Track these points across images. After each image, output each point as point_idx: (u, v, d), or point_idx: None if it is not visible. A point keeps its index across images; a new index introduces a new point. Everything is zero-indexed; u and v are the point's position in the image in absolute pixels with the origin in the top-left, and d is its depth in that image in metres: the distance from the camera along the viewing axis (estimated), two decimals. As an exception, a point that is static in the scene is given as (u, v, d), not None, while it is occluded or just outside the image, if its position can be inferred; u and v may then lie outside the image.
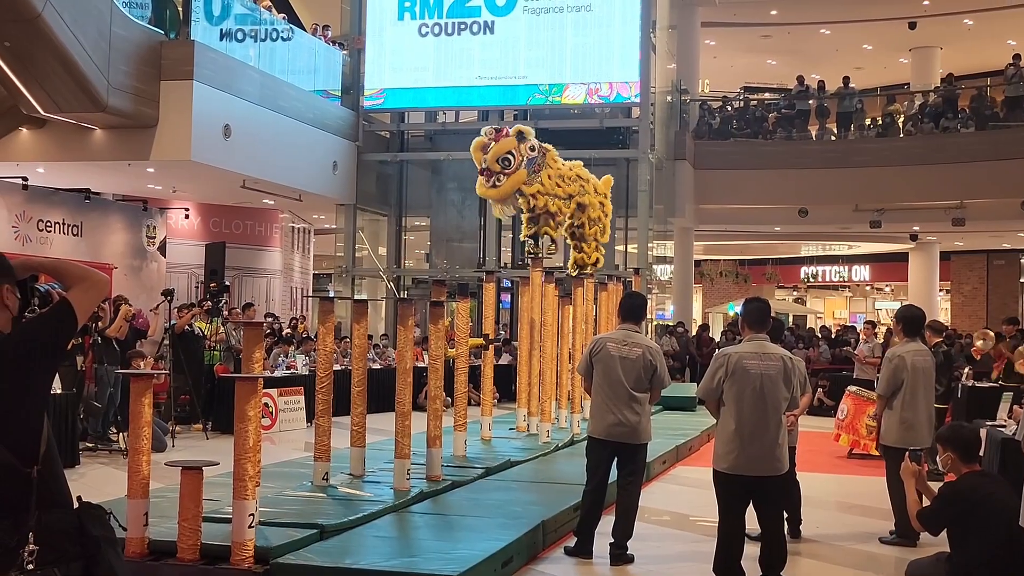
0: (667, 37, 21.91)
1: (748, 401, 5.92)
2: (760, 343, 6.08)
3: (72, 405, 10.63)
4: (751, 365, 5.94)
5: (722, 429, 6.06)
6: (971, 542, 4.82)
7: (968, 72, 27.68)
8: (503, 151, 11.21)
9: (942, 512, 4.99)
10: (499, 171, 11.20)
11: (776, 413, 5.95)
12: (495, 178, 11.23)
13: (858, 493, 9.94)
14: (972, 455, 5.10)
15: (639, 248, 19.78)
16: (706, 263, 33.95)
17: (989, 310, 31.71)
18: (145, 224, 18.21)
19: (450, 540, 6.63)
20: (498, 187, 11.26)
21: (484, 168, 11.29)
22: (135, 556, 5.87)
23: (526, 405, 11.77)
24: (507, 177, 11.24)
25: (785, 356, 6.11)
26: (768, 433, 5.91)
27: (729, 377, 5.97)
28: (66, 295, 2.94)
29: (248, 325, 6.91)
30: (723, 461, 5.99)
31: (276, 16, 18.66)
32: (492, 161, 11.20)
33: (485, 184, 11.35)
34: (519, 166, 11.32)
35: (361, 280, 21.89)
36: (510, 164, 11.25)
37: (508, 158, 11.23)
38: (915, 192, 21.44)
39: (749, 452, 5.89)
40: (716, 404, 6.09)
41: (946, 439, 5.19)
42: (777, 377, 5.95)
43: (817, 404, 16.79)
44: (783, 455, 6.03)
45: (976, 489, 4.94)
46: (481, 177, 11.41)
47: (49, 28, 12.03)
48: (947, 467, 5.14)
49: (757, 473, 5.92)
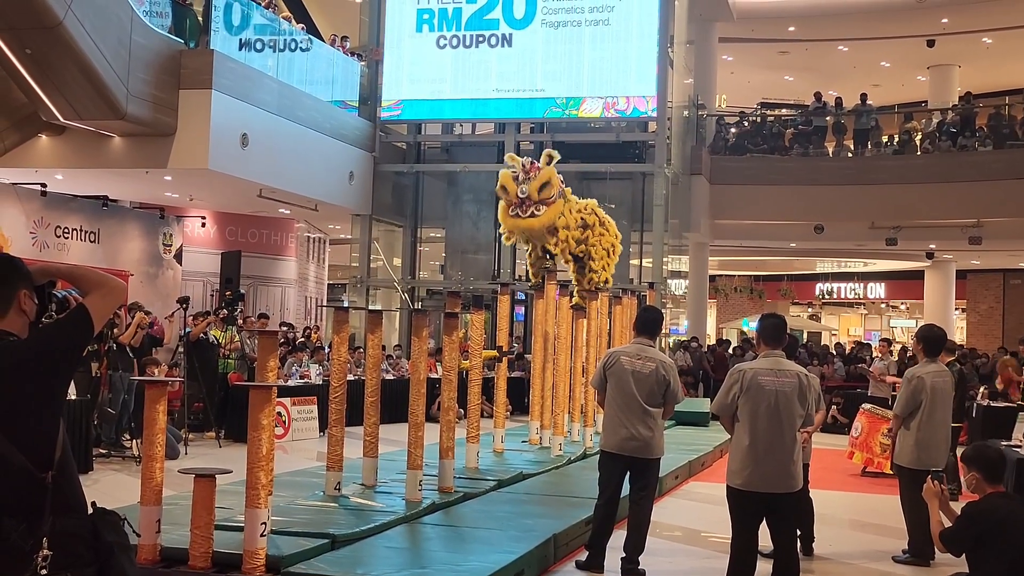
0: (684, 52, 21.92)
1: (763, 417, 5.88)
2: (776, 359, 6.04)
3: (86, 411, 10.67)
4: (766, 381, 5.91)
5: (736, 445, 6.02)
6: (992, 563, 4.78)
7: (986, 90, 27.63)
8: (546, 180, 11.21)
9: (965, 532, 4.95)
10: (538, 200, 11.18)
11: (791, 430, 5.91)
12: (535, 207, 11.19)
13: (872, 511, 9.88)
14: (997, 475, 5.06)
15: (654, 262, 19.76)
16: (721, 278, 33.90)
17: (1005, 329, 31.52)
18: (162, 232, 18.30)
19: (461, 552, 6.62)
20: (538, 216, 11.22)
21: (523, 198, 11.18)
22: (147, 563, 5.88)
23: (539, 418, 11.75)
24: (547, 207, 11.25)
25: (800, 373, 6.07)
26: (783, 450, 5.88)
27: (744, 393, 5.93)
28: (83, 301, 2.95)
29: (263, 334, 6.93)
30: (737, 477, 5.95)
31: (295, 27, 18.76)
32: (534, 190, 11.14)
33: (522, 214, 11.23)
34: (558, 195, 11.42)
35: (376, 291, 21.92)
36: (551, 197, 11.28)
37: (549, 189, 11.26)
38: (932, 210, 21.36)
39: (763, 468, 5.85)
40: (731, 420, 6.05)
41: (971, 459, 5.15)
42: (792, 394, 5.90)
43: (831, 421, 16.72)
44: (797, 472, 5.99)
45: (999, 509, 4.90)
46: (512, 208, 11.30)
47: (70, 36, 12.12)
48: (972, 487, 5.10)
49: (771, 490, 5.88)
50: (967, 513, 5.05)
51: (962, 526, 5.00)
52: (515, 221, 11.37)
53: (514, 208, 11.32)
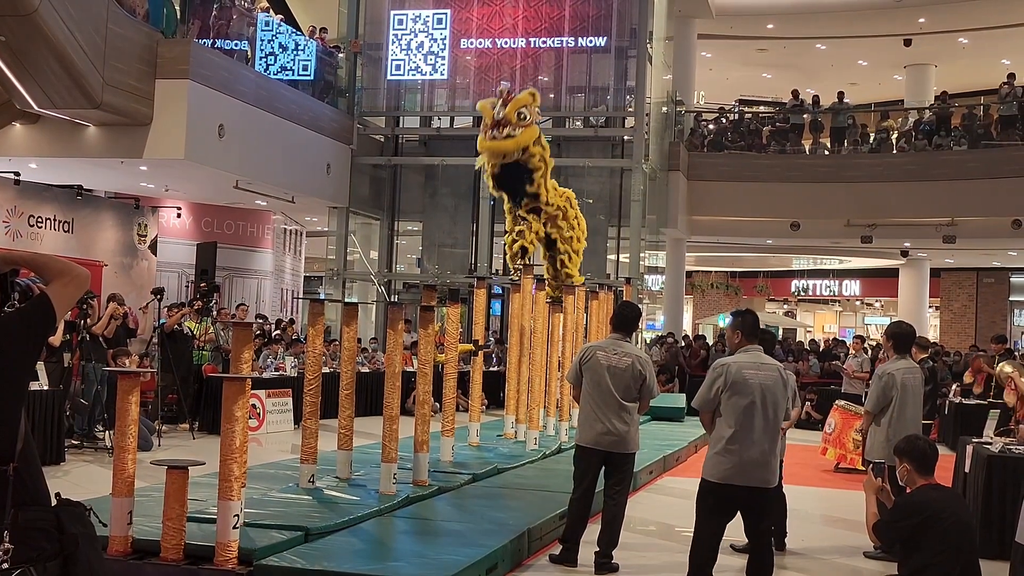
0: (663, 48, 21.95)
1: (747, 411, 5.80)
2: (756, 353, 6.01)
3: (59, 402, 10.58)
4: (750, 375, 5.85)
5: (716, 439, 5.90)
6: (923, 555, 4.81)
7: (962, 90, 27.83)
8: (521, 104, 11.48)
9: (899, 524, 4.97)
10: (515, 123, 11.39)
11: (775, 424, 5.87)
12: (510, 128, 11.37)
13: (844, 507, 9.94)
14: (928, 467, 5.08)
15: (631, 258, 19.80)
16: (697, 274, 34.01)
17: (978, 327, 31.81)
18: (136, 222, 18.17)
19: (435, 545, 6.61)
20: (513, 137, 11.40)
21: (499, 120, 11.38)
22: (118, 555, 5.84)
23: (514, 412, 11.76)
24: (523, 130, 11.45)
25: (779, 367, 6.06)
26: (765, 444, 5.81)
27: (728, 387, 5.85)
28: (45, 289, 2.92)
29: (237, 325, 6.89)
30: (716, 471, 5.84)
31: (273, 17, 18.67)
32: (512, 112, 11.37)
33: (498, 135, 11.41)
34: (532, 122, 11.65)
35: (352, 283, 21.87)
36: (525, 119, 11.50)
37: (524, 113, 11.48)
38: (907, 208, 21.51)
39: (744, 463, 5.77)
40: (711, 415, 5.95)
41: (903, 451, 5.17)
42: (775, 387, 5.88)
43: (805, 417, 16.80)
44: (776, 467, 5.95)
45: (932, 501, 4.92)
46: (490, 131, 11.48)
47: (45, 24, 12.00)
48: (904, 479, 5.14)
49: (750, 484, 5.80)
50: (900, 505, 5.08)
51: (896, 518, 5.01)
52: (491, 143, 11.47)
53: (490, 132, 11.47)
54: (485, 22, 20.17)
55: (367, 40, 20.95)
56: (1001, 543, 7.35)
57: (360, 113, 20.78)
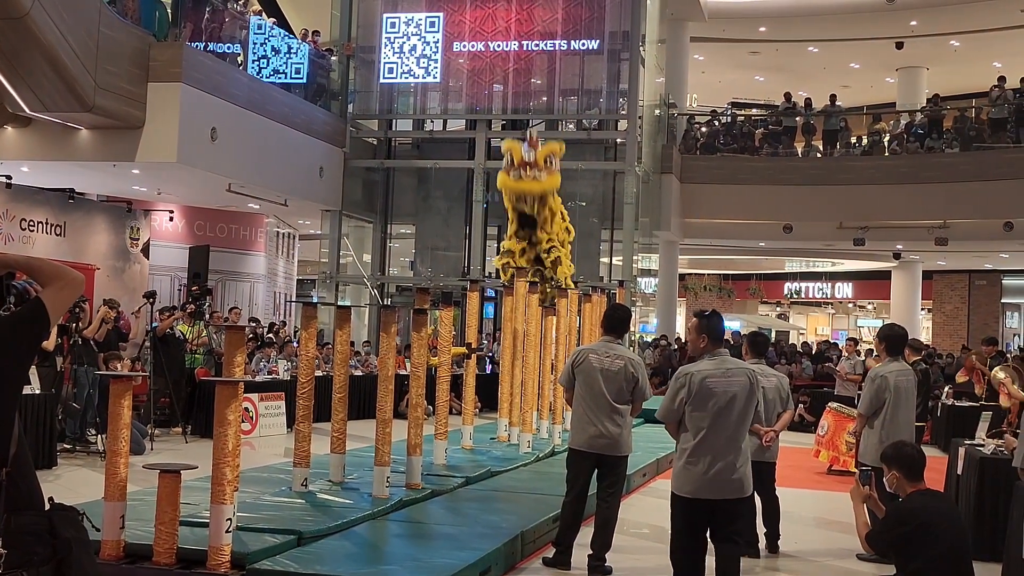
0: (656, 51, 21.98)
1: (712, 422, 5.59)
2: (722, 359, 5.76)
3: (50, 406, 10.56)
4: (715, 383, 5.62)
5: (681, 451, 5.71)
6: (917, 562, 4.80)
7: (954, 93, 27.91)
8: (551, 151, 12.23)
9: (892, 532, 4.95)
10: (542, 167, 12.05)
11: (741, 433, 5.67)
12: (536, 171, 12.00)
13: (837, 509, 9.94)
14: (917, 473, 5.05)
15: (624, 260, 19.82)
16: (690, 277, 34.08)
17: (970, 330, 31.89)
18: (129, 225, 18.13)
19: (428, 549, 6.61)
20: (539, 180, 12.07)
21: (528, 162, 11.90)
22: (111, 559, 5.83)
23: (507, 415, 11.75)
24: (549, 174, 12.16)
25: (749, 370, 5.83)
26: (733, 455, 5.60)
27: (692, 398, 5.63)
28: (39, 293, 2.91)
29: (230, 329, 6.88)
30: (684, 485, 5.63)
31: (266, 20, 18.65)
32: (542, 157, 12.05)
33: (525, 176, 11.95)
34: (557, 170, 12.43)
35: (345, 287, 21.85)
36: (552, 165, 12.25)
37: (552, 160, 12.24)
38: (899, 211, 21.55)
39: (710, 475, 5.56)
40: (677, 426, 5.76)
41: (890, 458, 5.13)
42: (742, 394, 5.64)
43: (798, 420, 16.82)
44: (747, 476, 5.72)
45: (925, 508, 4.90)
46: (516, 170, 12.00)
47: (37, 27, 11.98)
48: (893, 486, 5.10)
49: (720, 496, 5.58)
50: (893, 514, 5.05)
51: (889, 526, 4.98)
52: (517, 183, 12.07)
53: (516, 171, 12.03)
54: (478, 25, 20.18)
55: (360, 43, 20.93)
56: (993, 545, 7.37)
57: (353, 116, 20.77)
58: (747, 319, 33.84)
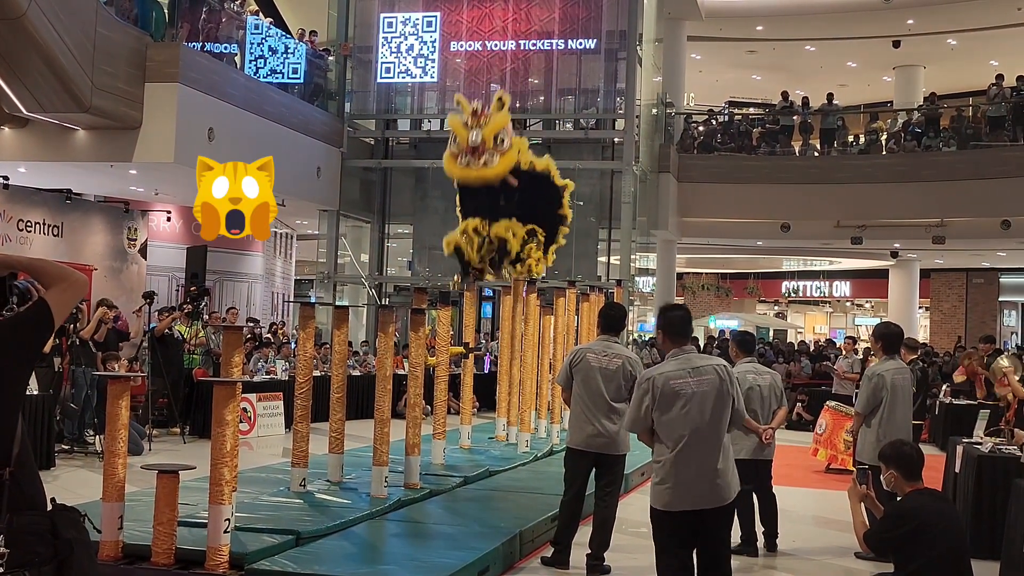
0: (653, 50, 21.98)
1: (682, 426, 5.11)
2: (686, 357, 5.24)
3: (49, 407, 10.56)
4: (680, 385, 5.13)
5: (657, 462, 5.26)
6: (916, 562, 4.80)
7: (951, 91, 27.91)
8: (500, 127, 10.23)
9: (892, 532, 4.94)
10: (492, 149, 10.12)
11: (716, 435, 5.15)
12: (487, 156, 10.10)
13: (835, 508, 9.94)
14: (915, 472, 5.03)
15: (622, 260, 19.82)
16: (688, 276, 34.08)
17: (968, 328, 31.90)
18: (126, 226, 18.12)
19: (427, 548, 6.61)
20: (492, 166, 10.16)
21: (475, 146, 10.07)
22: (109, 559, 5.83)
23: (505, 414, 11.76)
24: (501, 156, 10.19)
25: (719, 366, 5.27)
26: (710, 460, 5.11)
27: (658, 403, 5.16)
28: (43, 295, 2.91)
29: (228, 329, 6.89)
30: (662, 497, 5.16)
31: (263, 20, 18.64)
32: (489, 136, 10.07)
33: (475, 162, 10.12)
34: (509, 147, 10.36)
35: (343, 287, 21.85)
36: (503, 144, 10.24)
37: (502, 137, 10.25)
38: (896, 209, 21.55)
39: (689, 484, 5.10)
40: (649, 434, 5.27)
41: (888, 457, 5.10)
42: (711, 393, 5.14)
43: (796, 418, 16.86)
44: (729, 482, 5.18)
45: (923, 509, 4.89)
46: (464, 156, 10.20)
47: (33, 27, 11.96)
48: (891, 485, 5.10)
49: (700, 506, 5.11)
50: (891, 514, 5.04)
51: (888, 526, 4.97)
52: (466, 171, 10.24)
53: (464, 156, 10.18)
54: (475, 24, 20.18)
55: (357, 43, 20.93)
56: (991, 543, 7.38)
57: (350, 116, 20.77)
58: (745, 318, 33.86)
